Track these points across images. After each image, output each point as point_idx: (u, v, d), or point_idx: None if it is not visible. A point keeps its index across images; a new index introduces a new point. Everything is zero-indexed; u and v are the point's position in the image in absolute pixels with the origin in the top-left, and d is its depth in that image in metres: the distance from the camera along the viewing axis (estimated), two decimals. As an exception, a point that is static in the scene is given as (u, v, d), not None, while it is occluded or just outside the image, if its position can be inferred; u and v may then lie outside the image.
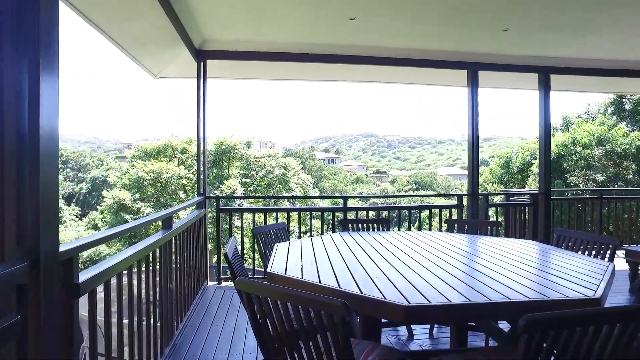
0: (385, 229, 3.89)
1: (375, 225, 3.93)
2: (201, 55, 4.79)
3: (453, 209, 5.52)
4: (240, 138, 21.11)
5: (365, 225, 3.93)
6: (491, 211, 5.77)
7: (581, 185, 15.50)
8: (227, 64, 5.14)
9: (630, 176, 15.26)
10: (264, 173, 20.03)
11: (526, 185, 17.17)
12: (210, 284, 4.87)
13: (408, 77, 5.85)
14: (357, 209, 5.34)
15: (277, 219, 5.29)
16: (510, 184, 18.59)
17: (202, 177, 4.82)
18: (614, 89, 7.48)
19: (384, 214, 5.98)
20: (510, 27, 4.26)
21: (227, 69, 5.42)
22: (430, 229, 5.31)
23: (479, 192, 5.42)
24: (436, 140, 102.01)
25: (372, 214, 6.42)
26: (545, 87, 5.49)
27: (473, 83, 5.25)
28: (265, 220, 5.25)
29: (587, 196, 10.35)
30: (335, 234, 3.43)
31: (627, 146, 14.89)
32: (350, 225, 3.90)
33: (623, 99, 16.96)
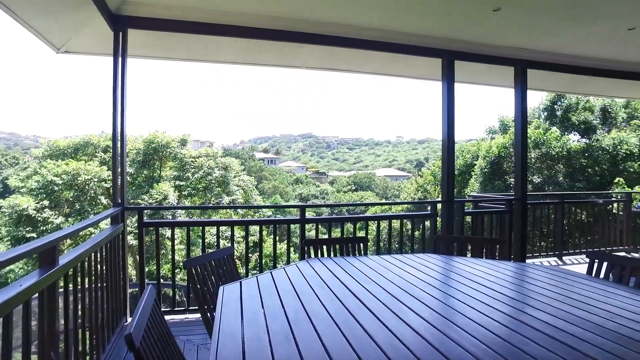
0: (363, 251, 3.05)
1: (349, 246, 3.07)
2: (119, 22, 3.61)
3: (427, 220, 4.82)
4: (173, 135, 19.13)
5: (335, 247, 3.05)
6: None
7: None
8: (155, 37, 4.01)
9: (561, 178, 15.87)
10: (202, 174, 18.20)
11: (467, 188, 17.34)
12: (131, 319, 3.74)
13: (376, 65, 5.05)
14: (317, 220, 4.45)
15: (218, 234, 4.24)
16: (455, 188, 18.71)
17: (120, 182, 3.64)
18: (587, 90, 7.31)
19: (348, 224, 5.15)
20: (502, 6, 3.60)
21: (156, 45, 4.28)
22: (412, 246, 4.59)
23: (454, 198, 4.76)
24: (373, 141, 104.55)
25: (346, 225, 5.53)
26: (522, 83, 4.98)
27: (449, 74, 4.57)
28: (203, 235, 4.17)
29: (548, 200, 10.30)
30: (303, 265, 2.52)
31: (560, 149, 15.45)
32: (317, 248, 3.00)
33: (555, 105, 17.64)
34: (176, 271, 5.24)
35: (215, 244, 4.30)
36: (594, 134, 15.88)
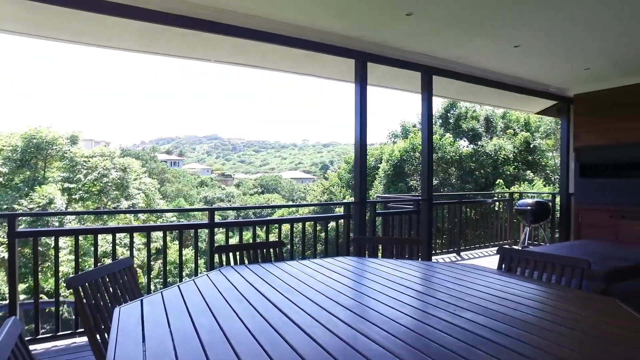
0: (278, 257, 2.87)
1: (265, 251, 2.86)
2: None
3: (341, 220, 4.80)
4: (61, 131, 16.89)
5: (250, 253, 2.82)
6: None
7: (419, 188, 16.93)
8: (27, 8, 3.34)
9: (454, 180, 17.36)
10: (96, 176, 16.29)
11: (371, 190, 18.11)
12: None
13: (291, 63, 4.90)
14: (227, 225, 4.15)
15: (115, 242, 3.68)
16: (356, 188, 19.41)
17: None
18: (480, 99, 7.97)
19: (260, 229, 4.91)
20: (414, 12, 3.70)
21: (28, 19, 3.61)
22: (325, 248, 4.50)
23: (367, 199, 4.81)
24: (280, 144, 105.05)
25: (254, 229, 5.23)
26: (428, 89, 5.22)
27: (362, 76, 4.60)
28: (95, 244, 3.62)
29: (449, 201, 11.01)
30: (216, 275, 2.25)
31: (453, 154, 16.87)
32: (230, 254, 2.74)
33: (448, 113, 19.23)
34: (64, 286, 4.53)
35: (111, 253, 3.77)
36: (480, 141, 17.60)
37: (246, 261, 2.75)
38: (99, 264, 3.08)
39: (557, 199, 7.97)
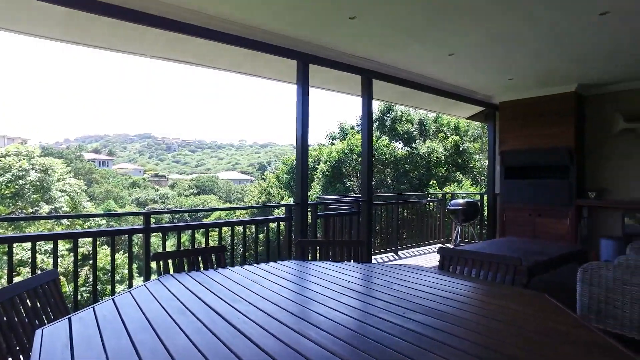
0: (221, 263, 2.75)
1: (207, 257, 2.73)
2: None
3: (282, 222, 4.74)
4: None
5: (191, 259, 2.68)
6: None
7: (356, 189, 17.32)
8: None
9: (390, 181, 17.97)
10: (10, 177, 14.73)
11: (309, 191, 18.22)
12: None
13: (231, 62, 4.75)
14: (164, 229, 3.92)
15: (34, 253, 3.30)
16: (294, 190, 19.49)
17: None
18: (415, 103, 8.28)
19: (197, 232, 4.69)
20: (357, 16, 3.75)
21: None
22: (267, 252, 4.40)
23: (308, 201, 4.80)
24: (216, 144, 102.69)
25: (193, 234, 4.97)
26: (368, 92, 5.33)
27: (304, 78, 4.58)
28: (10, 255, 3.24)
29: (387, 201, 11.29)
30: (155, 285, 2.10)
31: (389, 155, 17.45)
32: (169, 261, 2.58)
33: (384, 116, 19.87)
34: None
35: (31, 263, 3.40)
36: (414, 143, 18.37)
37: (186, 268, 2.61)
38: (14, 279, 2.77)
39: (485, 199, 8.52)
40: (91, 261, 3.73)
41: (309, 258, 3.17)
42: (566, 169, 6.61)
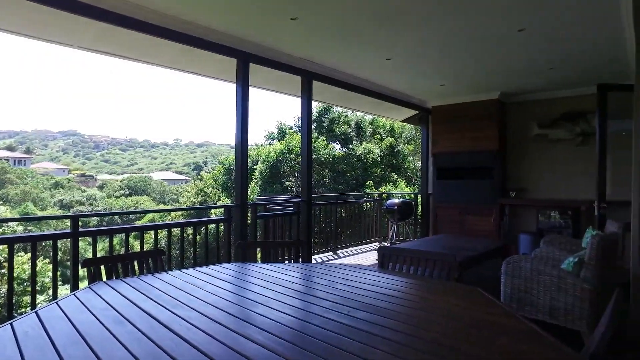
0: (159, 267, 2.63)
1: (142, 262, 2.60)
2: None
3: (221, 224, 4.62)
4: None
5: (127, 264, 2.53)
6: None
7: (295, 189, 17.37)
8: None
9: (327, 181, 18.25)
10: None
11: (247, 191, 17.98)
12: None
13: (170, 58, 4.54)
14: (95, 232, 3.65)
15: None
16: (233, 191, 19.17)
17: None
18: (353, 105, 8.45)
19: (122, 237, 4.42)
20: (299, 17, 3.76)
21: None
22: (206, 254, 4.25)
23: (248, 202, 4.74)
24: (150, 143, 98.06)
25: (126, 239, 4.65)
26: (308, 93, 5.37)
27: (244, 77, 4.51)
28: None
29: (326, 202, 11.40)
30: (87, 294, 1.95)
31: (326, 156, 17.71)
32: (102, 267, 2.42)
33: (322, 117, 20.12)
34: None
35: None
36: (351, 144, 18.80)
37: (121, 274, 2.46)
38: None
39: (419, 199, 8.93)
40: (3, 270, 3.38)
41: (250, 260, 3.13)
42: (491, 170, 7.13)
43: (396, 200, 7.98)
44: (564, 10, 3.69)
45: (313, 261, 6.35)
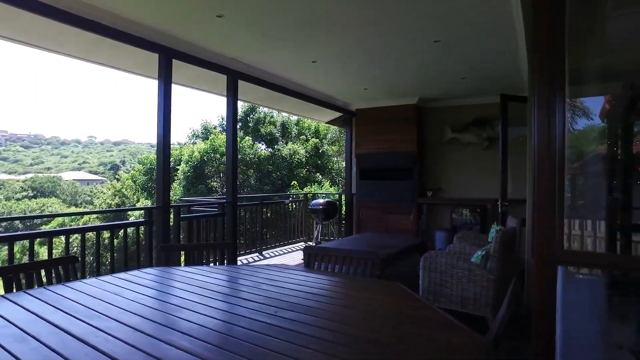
0: (71, 275, 2.42)
1: (51, 271, 2.38)
2: None
3: (142, 226, 4.37)
4: None
5: (30, 275, 2.30)
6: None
7: (220, 190, 16.95)
8: None
9: (253, 182, 18.06)
10: None
11: (170, 192, 17.20)
12: None
13: (82, 48, 4.18)
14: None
15: None
16: (153, 191, 18.24)
17: None
18: (278, 106, 8.43)
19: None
20: (225, 14, 3.69)
21: None
22: (125, 261, 3.97)
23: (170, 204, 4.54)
24: (59, 140, 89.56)
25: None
26: (233, 92, 5.28)
27: (167, 73, 4.31)
28: None
29: (251, 202, 11.23)
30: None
31: (252, 156, 17.53)
32: (13, 278, 2.17)
33: (248, 117, 19.84)
34: None
35: None
36: (277, 145, 18.79)
37: (24, 286, 2.23)
38: None
39: (343, 199, 9.19)
40: None
41: (174, 263, 3.01)
42: (410, 171, 7.56)
43: (321, 200, 8.14)
44: (471, 26, 4.04)
45: (239, 263, 6.26)
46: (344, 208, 9.06)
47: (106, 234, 5.10)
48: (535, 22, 1.92)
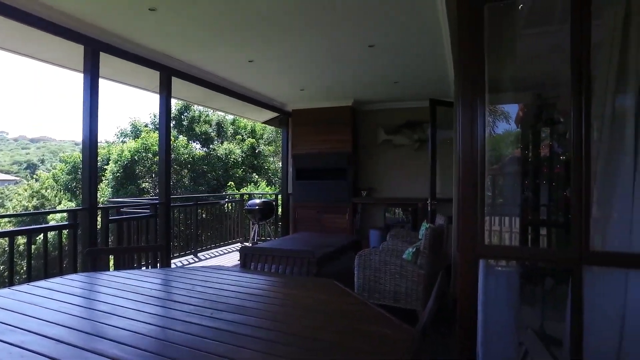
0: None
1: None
2: None
3: (64, 230, 4.06)
4: None
5: None
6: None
7: (152, 190, 16.20)
8: None
9: (187, 182, 17.48)
10: None
11: (98, 192, 16.11)
12: None
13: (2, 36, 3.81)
14: None
15: None
16: (78, 192, 17.02)
17: None
18: (215, 105, 8.22)
19: None
20: (158, 8, 3.54)
21: None
22: (45, 268, 3.64)
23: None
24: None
25: None
26: (167, 90, 5.09)
27: (93, 67, 4.05)
28: None
29: (185, 203, 10.82)
30: None
31: (186, 156, 16.95)
32: None
33: (182, 115, 19.15)
34: None
35: None
36: (212, 144, 18.34)
37: None
38: None
39: (279, 199, 9.19)
40: None
41: (102, 268, 2.85)
42: (345, 171, 7.75)
43: (257, 201, 8.09)
44: (402, 32, 4.25)
45: (173, 265, 6.03)
46: (280, 208, 9.07)
47: (22, 240, 4.68)
48: (460, 35, 2.09)
